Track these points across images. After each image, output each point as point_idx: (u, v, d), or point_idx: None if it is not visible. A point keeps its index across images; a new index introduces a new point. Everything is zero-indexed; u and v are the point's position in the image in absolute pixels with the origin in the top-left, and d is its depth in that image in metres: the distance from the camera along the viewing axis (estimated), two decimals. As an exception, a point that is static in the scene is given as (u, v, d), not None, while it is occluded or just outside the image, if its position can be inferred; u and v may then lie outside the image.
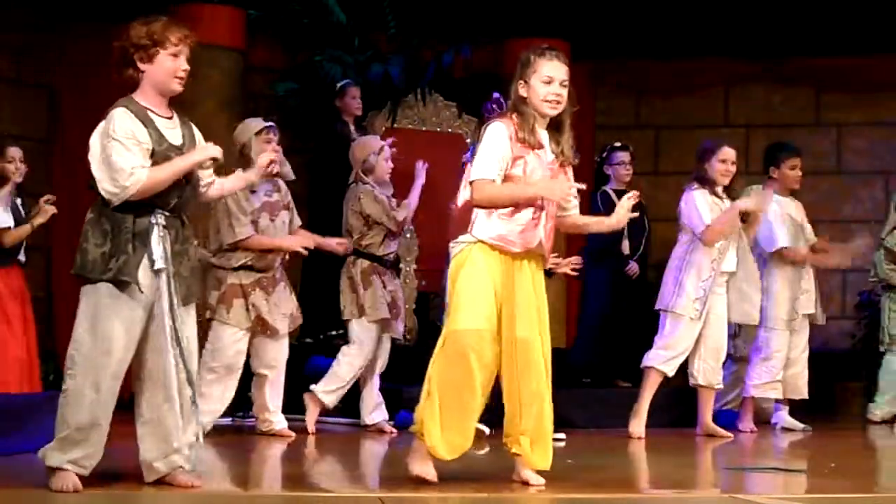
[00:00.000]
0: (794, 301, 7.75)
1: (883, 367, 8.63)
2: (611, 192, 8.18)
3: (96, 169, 4.26)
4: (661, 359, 7.24)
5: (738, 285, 7.35)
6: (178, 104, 4.53)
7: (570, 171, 4.79)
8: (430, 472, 4.56)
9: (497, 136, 4.59)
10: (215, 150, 4.42)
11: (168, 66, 4.38)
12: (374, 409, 7.24)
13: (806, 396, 7.92)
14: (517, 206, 4.58)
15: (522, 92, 4.64)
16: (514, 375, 4.57)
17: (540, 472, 4.65)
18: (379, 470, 5.86)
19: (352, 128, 8.60)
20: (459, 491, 4.51)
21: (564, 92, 4.64)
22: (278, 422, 6.81)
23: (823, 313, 7.96)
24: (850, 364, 8.99)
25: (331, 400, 7.09)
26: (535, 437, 4.63)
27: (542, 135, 4.67)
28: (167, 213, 4.34)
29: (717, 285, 7.24)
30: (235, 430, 7.06)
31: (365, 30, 9.60)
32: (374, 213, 7.11)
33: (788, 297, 7.75)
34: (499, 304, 4.55)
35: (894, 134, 10.28)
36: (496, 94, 7.17)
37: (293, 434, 6.77)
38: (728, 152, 7.29)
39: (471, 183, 4.59)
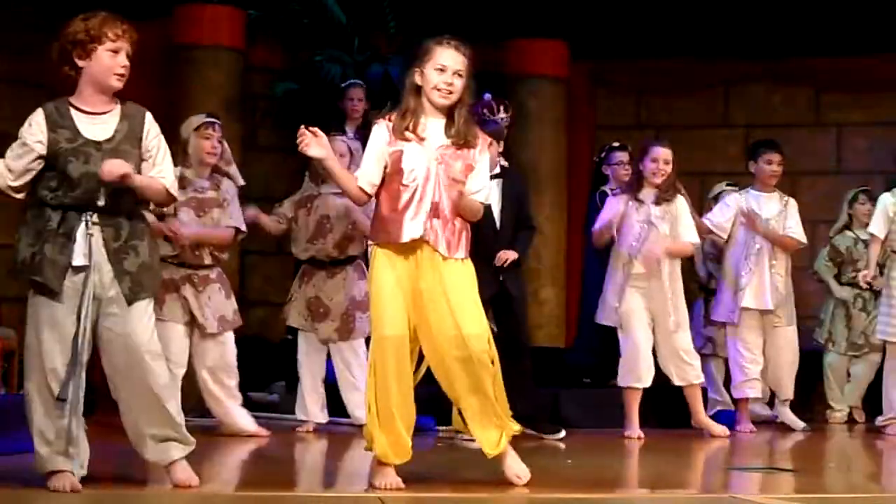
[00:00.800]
0: (735, 295, 7.74)
1: (831, 367, 8.71)
2: (609, 193, 8.19)
3: None
4: (630, 376, 7.23)
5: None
6: (179, 104, 4.51)
7: (475, 151, 4.61)
8: (394, 481, 4.54)
9: (374, 140, 4.60)
10: (113, 171, 4.24)
11: (106, 62, 4.31)
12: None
13: (790, 397, 7.91)
14: (392, 199, 4.52)
15: (417, 80, 4.60)
16: (443, 372, 4.56)
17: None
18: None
19: (349, 129, 8.55)
20: (459, 491, 4.51)
21: (458, 82, 4.55)
22: (246, 423, 6.75)
23: (782, 314, 7.81)
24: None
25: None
26: (470, 426, 4.61)
27: (432, 124, 4.58)
28: (99, 211, 4.26)
29: (630, 287, 7.20)
30: (217, 431, 6.99)
31: (365, 30, 9.60)
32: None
33: (731, 292, 7.76)
34: (407, 304, 4.51)
35: (894, 134, 10.27)
36: (486, 95, 7.18)
37: (265, 433, 6.72)
38: (658, 151, 7.23)
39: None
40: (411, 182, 4.51)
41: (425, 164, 4.53)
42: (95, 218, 4.26)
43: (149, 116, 4.43)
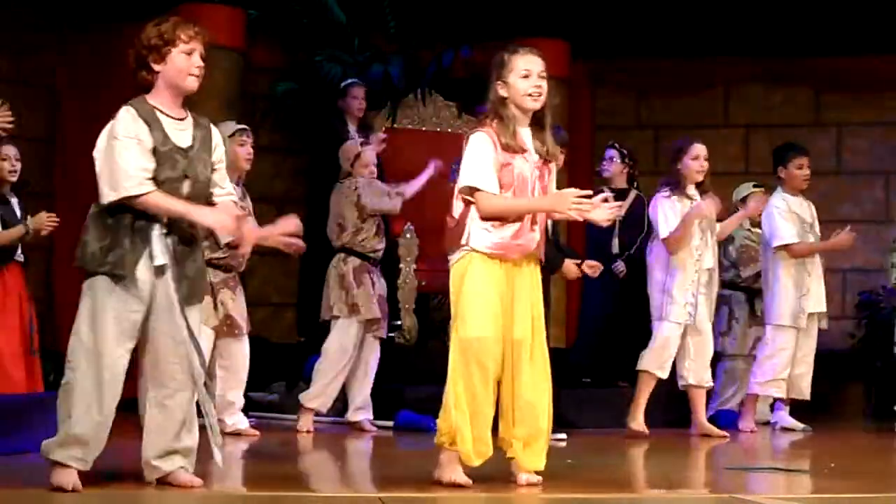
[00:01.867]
0: (799, 299, 7.75)
1: None
2: (604, 190, 8.21)
3: (99, 167, 4.27)
4: (655, 362, 7.25)
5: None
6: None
7: (553, 167, 4.75)
8: (463, 478, 4.55)
9: (483, 146, 4.58)
10: (226, 227, 4.40)
11: (181, 63, 4.39)
12: (359, 409, 7.24)
13: (808, 398, 7.92)
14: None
15: (502, 92, 4.62)
16: (510, 378, 4.58)
17: (539, 472, 4.65)
18: (379, 470, 5.85)
19: (351, 128, 8.59)
20: (459, 491, 4.51)
21: (544, 84, 4.62)
22: (240, 421, 6.78)
23: (825, 316, 7.93)
24: (850, 364, 8.99)
25: (320, 403, 7.09)
26: (528, 440, 4.63)
27: (525, 135, 4.65)
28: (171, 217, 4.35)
29: (701, 285, 7.25)
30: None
31: (365, 30, 9.61)
32: (371, 202, 7.10)
33: (794, 295, 7.75)
34: (501, 309, 4.55)
35: (894, 134, 10.28)
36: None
37: (256, 433, 6.73)
38: (699, 149, 7.28)
39: (467, 195, 4.59)
40: (520, 192, 4.59)
41: (529, 175, 4.62)
42: (165, 219, 4.31)
43: (214, 129, 4.58)
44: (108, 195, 4.23)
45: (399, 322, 8.60)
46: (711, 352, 7.39)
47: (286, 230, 4.92)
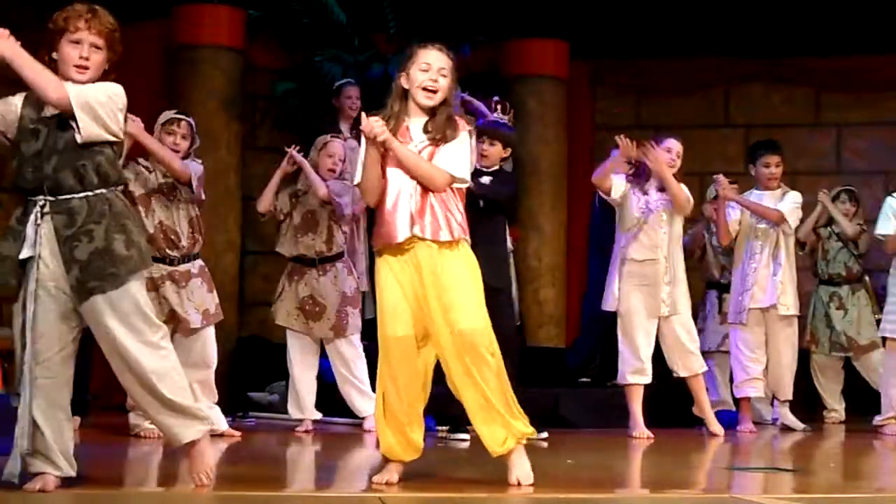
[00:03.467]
0: (741, 294, 7.76)
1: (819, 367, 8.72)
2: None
3: None
4: (627, 373, 7.26)
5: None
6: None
7: (457, 140, 4.59)
8: (385, 477, 4.57)
9: (362, 144, 4.60)
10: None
11: (67, 52, 4.22)
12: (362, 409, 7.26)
13: (789, 398, 7.92)
14: (382, 202, 4.55)
15: (404, 83, 4.63)
16: (447, 367, 4.56)
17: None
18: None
19: (343, 127, 8.58)
20: (459, 491, 4.51)
21: (442, 81, 4.57)
22: (219, 422, 6.63)
23: (786, 306, 7.81)
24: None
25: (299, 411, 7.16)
26: (475, 424, 4.59)
27: (415, 125, 4.61)
28: (53, 197, 4.11)
29: (628, 284, 7.24)
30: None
31: (365, 30, 9.61)
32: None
33: (737, 291, 7.81)
34: (413, 304, 4.54)
35: (894, 134, 10.28)
36: (495, 98, 7.15)
37: (237, 433, 6.66)
38: (672, 143, 7.34)
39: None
40: (394, 184, 4.55)
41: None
42: (48, 205, 4.10)
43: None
44: None
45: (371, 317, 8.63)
46: (691, 338, 7.34)
47: None
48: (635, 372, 7.21)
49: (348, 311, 7.15)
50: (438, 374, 4.67)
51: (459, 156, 4.59)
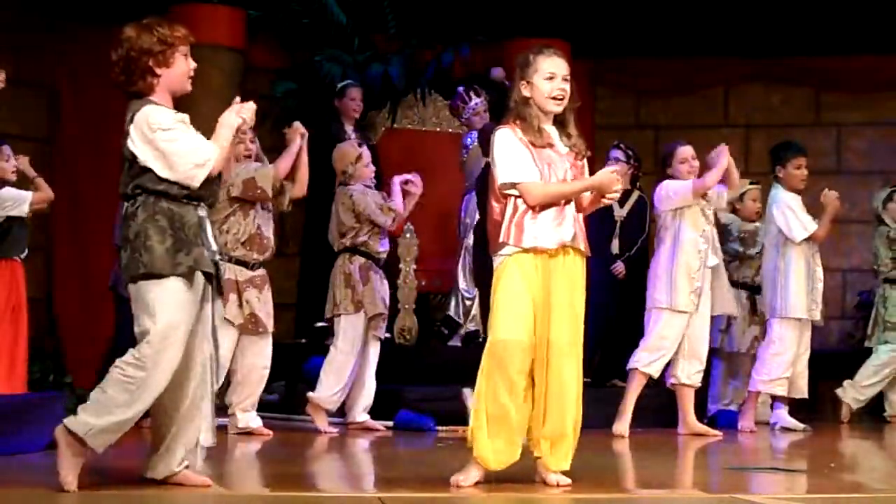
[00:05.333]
0: (812, 291, 7.78)
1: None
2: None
3: (161, 167, 4.23)
4: (646, 360, 7.26)
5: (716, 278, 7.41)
6: (179, 103, 4.51)
7: (585, 163, 4.74)
8: (469, 481, 4.54)
9: (509, 141, 4.58)
10: (236, 116, 4.41)
11: (183, 67, 4.36)
12: (362, 408, 7.25)
13: (806, 395, 7.93)
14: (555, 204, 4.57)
15: (526, 92, 4.62)
16: (542, 378, 4.56)
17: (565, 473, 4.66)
18: (378, 470, 5.85)
19: (348, 129, 8.59)
20: (458, 491, 4.51)
21: (567, 87, 4.64)
22: (252, 419, 6.83)
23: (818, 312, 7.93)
24: (849, 364, 8.98)
25: (334, 403, 7.11)
26: (555, 439, 4.61)
27: (551, 132, 4.66)
28: (207, 207, 4.36)
29: (705, 280, 7.27)
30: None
31: (365, 30, 9.61)
32: (371, 211, 7.11)
33: (807, 287, 7.78)
34: (536, 311, 4.53)
35: (894, 134, 10.28)
36: (459, 89, 7.17)
37: (269, 432, 6.79)
38: (685, 151, 7.37)
39: (509, 191, 4.57)
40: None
41: (563, 169, 4.60)
42: (205, 213, 4.35)
43: None
44: (189, 180, 4.24)
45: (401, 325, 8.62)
46: (706, 352, 7.39)
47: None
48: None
49: None
50: (434, 373, 4.67)
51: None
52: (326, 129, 8.61)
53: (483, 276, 4.75)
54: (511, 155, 4.56)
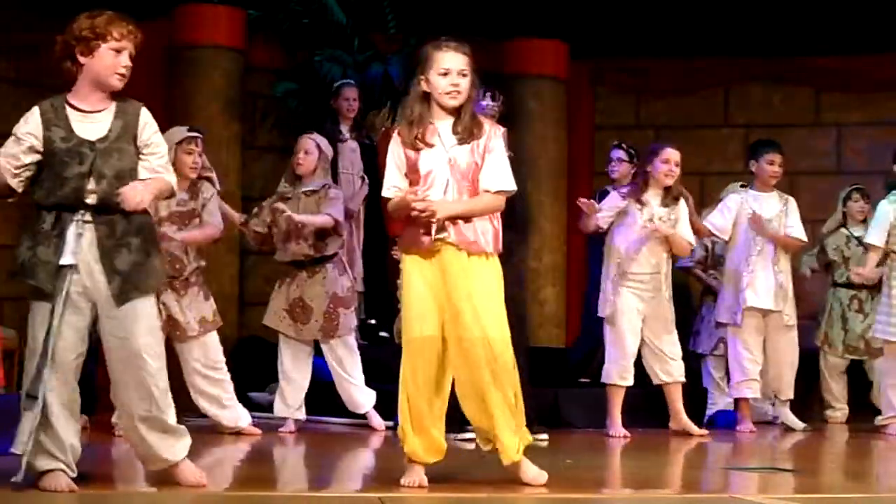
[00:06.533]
0: (737, 294, 7.74)
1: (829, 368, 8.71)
2: (610, 191, 8.22)
3: None
4: (615, 372, 7.26)
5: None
6: (179, 103, 4.50)
7: (486, 136, 4.61)
8: (415, 480, 4.56)
9: (392, 150, 4.65)
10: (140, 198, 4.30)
11: (108, 60, 4.29)
12: (359, 406, 7.27)
13: (790, 397, 7.92)
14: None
15: (423, 87, 4.63)
16: (462, 374, 4.58)
17: (550, 475, 4.64)
18: (378, 470, 5.86)
19: (344, 129, 8.59)
20: (459, 491, 4.51)
21: (463, 82, 4.58)
22: (241, 417, 6.82)
23: (789, 312, 7.81)
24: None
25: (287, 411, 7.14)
26: (497, 431, 4.59)
27: (442, 127, 4.63)
28: (93, 211, 4.23)
29: (625, 286, 7.23)
30: (213, 430, 6.97)
31: (365, 30, 9.61)
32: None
33: (731, 291, 7.77)
34: (438, 306, 4.55)
35: (894, 134, 10.27)
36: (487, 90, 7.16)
37: (258, 431, 6.79)
38: (671, 153, 7.28)
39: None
40: (428, 188, 4.55)
41: (440, 167, 4.59)
42: (88, 216, 4.23)
43: (144, 111, 4.39)
44: None
45: (371, 321, 8.64)
46: (671, 346, 7.35)
47: None
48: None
49: (340, 311, 7.13)
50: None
51: (502, 167, 4.64)
52: (321, 130, 8.61)
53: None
54: (389, 165, 4.65)
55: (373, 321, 8.71)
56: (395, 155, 4.64)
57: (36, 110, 4.31)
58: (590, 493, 4.65)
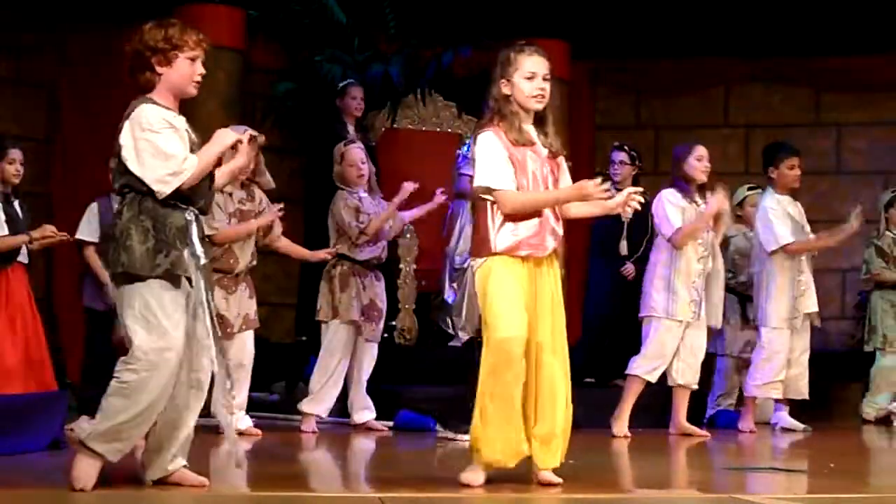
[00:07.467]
0: (794, 300, 7.75)
1: (877, 366, 8.67)
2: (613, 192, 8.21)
3: (137, 166, 4.24)
4: (646, 368, 7.26)
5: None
6: (179, 103, 4.51)
7: (562, 162, 4.76)
8: (476, 479, 4.56)
9: (492, 144, 4.59)
10: (233, 136, 4.44)
11: (186, 70, 4.37)
12: (362, 409, 7.26)
13: (806, 397, 7.92)
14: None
15: (506, 91, 4.64)
16: (533, 378, 4.59)
17: (554, 473, 4.66)
18: (378, 470, 5.86)
19: (350, 128, 8.60)
20: (458, 491, 4.51)
21: (548, 86, 4.64)
22: (241, 420, 6.78)
23: (819, 315, 7.93)
24: (849, 364, 8.99)
25: (319, 408, 7.10)
26: (545, 438, 4.63)
27: (531, 131, 4.66)
28: (196, 212, 4.36)
29: (684, 283, 7.25)
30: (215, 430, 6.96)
31: (365, 30, 9.61)
32: (340, 220, 7.12)
33: (789, 296, 7.75)
34: (528, 307, 4.56)
35: (894, 134, 10.29)
36: None
37: (259, 432, 6.76)
38: (703, 150, 7.32)
39: (484, 195, 4.58)
40: (535, 186, 4.59)
41: (540, 171, 4.62)
42: (193, 217, 4.35)
43: None
44: (163, 186, 4.23)
45: (394, 323, 8.60)
46: (703, 354, 7.39)
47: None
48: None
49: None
50: (438, 374, 4.68)
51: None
52: (326, 130, 8.61)
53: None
54: (491, 159, 4.57)
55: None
56: (498, 152, 4.58)
57: (156, 107, 4.31)
58: (590, 493, 4.65)
